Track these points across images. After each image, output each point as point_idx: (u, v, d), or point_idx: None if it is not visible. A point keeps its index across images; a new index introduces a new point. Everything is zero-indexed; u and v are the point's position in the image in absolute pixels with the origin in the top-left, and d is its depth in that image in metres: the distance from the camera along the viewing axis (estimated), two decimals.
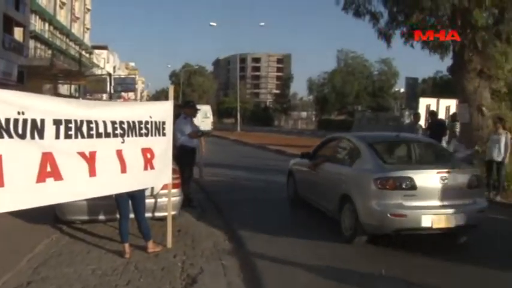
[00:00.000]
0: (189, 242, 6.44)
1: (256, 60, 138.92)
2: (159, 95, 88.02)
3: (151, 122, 5.68)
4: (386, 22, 12.64)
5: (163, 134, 5.90)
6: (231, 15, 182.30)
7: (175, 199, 6.81)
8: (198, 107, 9.82)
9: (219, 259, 5.75)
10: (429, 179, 6.31)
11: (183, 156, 8.41)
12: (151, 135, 5.67)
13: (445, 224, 6.21)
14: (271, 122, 69.86)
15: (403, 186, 6.20)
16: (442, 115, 15.11)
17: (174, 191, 6.63)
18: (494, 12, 11.08)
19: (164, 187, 6.36)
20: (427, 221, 6.11)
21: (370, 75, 57.22)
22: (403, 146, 7.72)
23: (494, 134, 10.22)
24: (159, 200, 6.66)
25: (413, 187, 6.19)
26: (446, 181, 6.25)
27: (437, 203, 6.26)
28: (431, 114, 13.20)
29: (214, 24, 47.43)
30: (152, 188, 6.50)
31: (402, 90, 47.58)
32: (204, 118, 31.57)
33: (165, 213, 6.29)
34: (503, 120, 10.29)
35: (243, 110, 64.58)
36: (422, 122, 13.77)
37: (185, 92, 77.67)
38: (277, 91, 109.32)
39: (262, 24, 50.67)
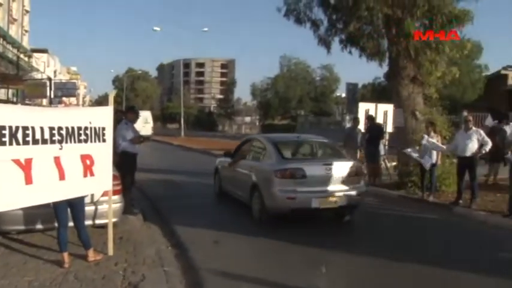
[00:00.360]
0: (131, 249, 6.36)
1: (200, 65, 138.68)
2: (102, 100, 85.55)
3: (91, 127, 5.60)
4: (326, 29, 12.97)
5: (104, 140, 5.82)
6: (175, 21, 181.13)
7: (116, 206, 6.72)
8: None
9: (161, 266, 5.72)
10: (317, 169, 8.13)
11: (125, 162, 8.32)
12: (91, 141, 5.58)
13: (330, 204, 7.99)
14: (215, 127, 69.62)
15: (296, 176, 7.94)
16: (380, 119, 15.66)
17: (115, 197, 6.56)
18: (424, 22, 11.65)
19: (105, 194, 6.27)
20: (316, 202, 7.87)
21: (312, 81, 58.31)
22: (301, 145, 9.69)
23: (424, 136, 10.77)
24: (99, 207, 6.55)
25: (304, 176, 7.94)
26: (330, 171, 8.08)
27: (324, 188, 8.01)
28: (369, 119, 13.69)
29: (158, 29, 46.77)
30: (92, 195, 6.40)
31: (343, 95, 48.84)
32: (145, 124, 32.98)
33: (106, 221, 6.20)
34: (434, 124, 10.86)
35: (187, 115, 64.09)
36: (362, 126, 14.20)
37: (128, 97, 76.03)
38: (221, 96, 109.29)
39: (205, 29, 50.45)
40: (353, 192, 8.20)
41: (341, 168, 8.23)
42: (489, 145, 9.84)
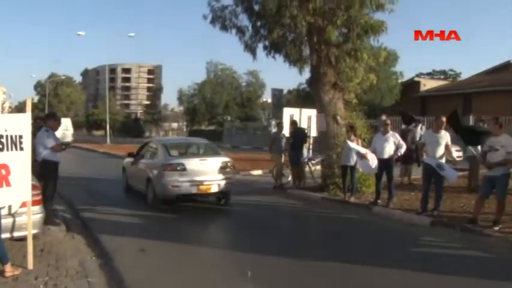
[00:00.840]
0: (53, 261, 6.13)
1: (127, 70, 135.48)
2: (23, 107, 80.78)
3: (7, 136, 5.36)
4: (251, 36, 13.21)
5: (21, 149, 5.59)
6: (100, 25, 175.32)
7: (36, 217, 6.43)
8: None
9: (85, 277, 5.57)
10: (195, 164, 10.44)
11: (46, 171, 8.00)
12: (7, 149, 5.35)
13: (206, 191, 10.38)
14: (142, 133, 68.04)
15: (178, 169, 10.18)
16: (304, 124, 16.11)
17: (35, 208, 6.29)
18: (344, 31, 12.20)
19: (23, 204, 6.00)
20: (194, 189, 10.24)
21: (238, 87, 58.66)
22: (186, 145, 12.17)
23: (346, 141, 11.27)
24: (17, 218, 6.24)
25: (184, 169, 10.19)
26: (205, 165, 10.45)
27: (201, 178, 10.27)
28: (293, 124, 14.07)
29: (82, 33, 44.93)
30: (10, 206, 6.10)
31: (269, 100, 49.61)
32: (65, 131, 33.16)
33: (25, 233, 5.93)
34: (354, 128, 11.39)
35: (113, 122, 62.32)
36: (286, 131, 14.52)
37: (52, 103, 72.65)
38: (148, 102, 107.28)
39: (131, 34, 49.14)
40: (224, 181, 10.49)
41: (215, 162, 10.62)
42: (404, 148, 10.49)
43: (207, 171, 10.39)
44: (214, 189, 10.39)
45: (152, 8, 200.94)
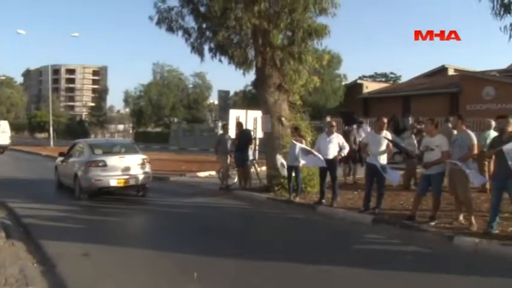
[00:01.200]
0: None
1: (71, 71, 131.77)
2: None
3: None
4: (196, 37, 13.17)
5: None
6: (42, 24, 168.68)
7: None
8: None
9: (26, 285, 5.40)
10: (114, 160, 12.06)
11: None
12: None
13: (125, 184, 11.98)
14: (87, 135, 66.07)
15: (100, 165, 11.81)
16: (250, 126, 16.20)
17: None
18: (288, 34, 12.39)
19: None
20: (114, 182, 11.83)
21: (185, 88, 58.24)
22: (108, 145, 13.76)
23: (293, 141, 11.46)
24: None
25: (105, 165, 11.83)
26: (124, 161, 12.10)
27: (119, 172, 11.92)
28: (238, 125, 14.14)
29: (23, 32, 42.92)
30: None
31: (216, 102, 49.50)
32: (2, 133, 32.81)
33: None
34: (298, 129, 11.60)
35: (57, 124, 60.33)
36: (233, 132, 14.55)
37: None
38: (93, 104, 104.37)
39: (75, 34, 47.39)
40: (140, 176, 12.18)
41: (132, 159, 12.28)
42: (347, 149, 10.81)
43: (126, 167, 12.03)
44: (132, 182, 12.04)
45: (97, 8, 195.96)
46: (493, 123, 9.22)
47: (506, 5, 9.24)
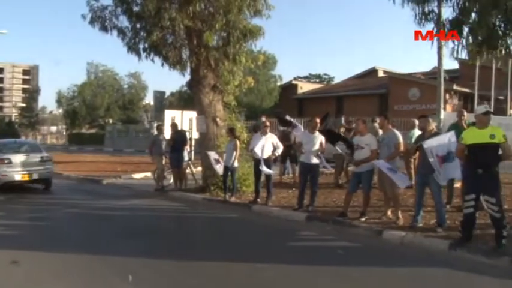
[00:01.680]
0: None
1: None
2: None
3: None
4: (131, 37, 12.91)
5: None
6: None
7: None
8: None
9: None
10: (19, 158, 13.54)
11: None
12: None
13: (28, 178, 13.52)
14: (17, 137, 62.86)
15: (6, 162, 13.23)
16: (186, 126, 16.15)
17: None
18: (223, 35, 12.44)
19: None
20: (18, 177, 13.35)
21: (120, 89, 56.91)
22: (15, 145, 14.93)
23: (228, 142, 11.56)
24: None
25: (10, 162, 13.29)
26: (28, 159, 13.62)
27: (24, 168, 13.43)
28: (173, 126, 14.03)
29: None
30: None
31: (152, 103, 48.71)
32: None
33: None
34: (233, 130, 11.68)
35: None
36: (168, 133, 14.41)
37: None
38: (24, 104, 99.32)
39: (4, 32, 44.65)
40: (44, 171, 13.85)
41: (35, 157, 13.85)
42: (281, 149, 11.01)
43: (29, 164, 13.58)
44: (35, 177, 13.66)
45: (28, 5, 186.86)
46: (417, 122, 9.74)
47: (426, 14, 9.80)
